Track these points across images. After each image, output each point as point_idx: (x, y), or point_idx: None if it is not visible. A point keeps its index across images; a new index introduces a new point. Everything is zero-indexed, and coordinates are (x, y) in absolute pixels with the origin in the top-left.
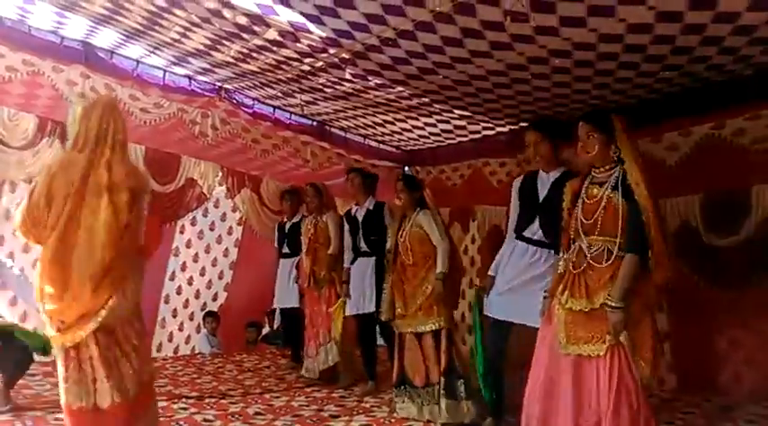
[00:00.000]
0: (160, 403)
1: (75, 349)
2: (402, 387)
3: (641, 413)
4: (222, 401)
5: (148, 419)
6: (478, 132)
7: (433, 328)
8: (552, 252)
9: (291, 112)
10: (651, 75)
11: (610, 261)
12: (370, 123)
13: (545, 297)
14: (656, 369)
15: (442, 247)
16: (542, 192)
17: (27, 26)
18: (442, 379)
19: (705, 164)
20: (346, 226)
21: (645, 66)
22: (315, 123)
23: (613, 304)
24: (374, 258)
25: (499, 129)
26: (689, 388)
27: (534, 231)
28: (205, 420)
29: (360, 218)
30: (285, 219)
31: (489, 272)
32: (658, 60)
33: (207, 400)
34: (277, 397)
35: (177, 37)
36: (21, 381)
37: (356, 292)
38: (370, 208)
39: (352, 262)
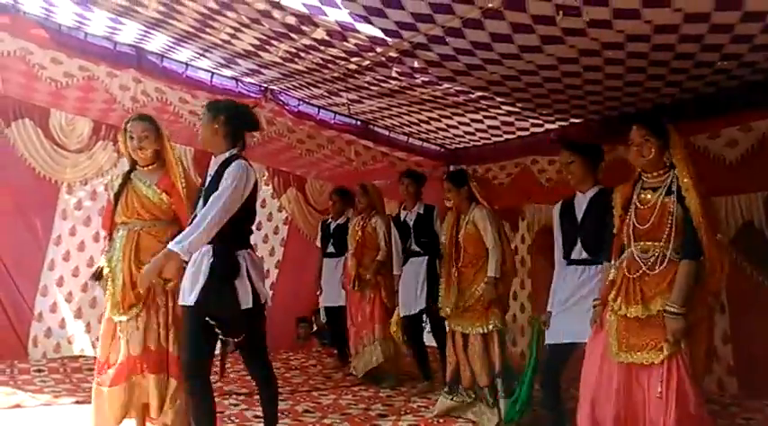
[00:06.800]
0: None
1: None
2: (454, 386)
3: (702, 423)
4: None
5: None
6: (526, 129)
7: (482, 331)
8: (598, 267)
9: (336, 112)
10: (708, 65)
11: (667, 267)
12: (415, 120)
13: (595, 306)
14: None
15: (496, 251)
16: (579, 214)
17: (83, 33)
18: (499, 381)
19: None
20: (395, 231)
21: (702, 56)
22: (358, 123)
23: (675, 310)
24: (427, 257)
25: (548, 126)
26: (751, 392)
27: (579, 252)
28: (255, 416)
29: (410, 222)
30: (330, 219)
31: (548, 308)
32: (716, 50)
33: (256, 396)
34: (324, 395)
35: (227, 38)
36: None
37: (407, 293)
38: (421, 212)
39: (403, 264)
